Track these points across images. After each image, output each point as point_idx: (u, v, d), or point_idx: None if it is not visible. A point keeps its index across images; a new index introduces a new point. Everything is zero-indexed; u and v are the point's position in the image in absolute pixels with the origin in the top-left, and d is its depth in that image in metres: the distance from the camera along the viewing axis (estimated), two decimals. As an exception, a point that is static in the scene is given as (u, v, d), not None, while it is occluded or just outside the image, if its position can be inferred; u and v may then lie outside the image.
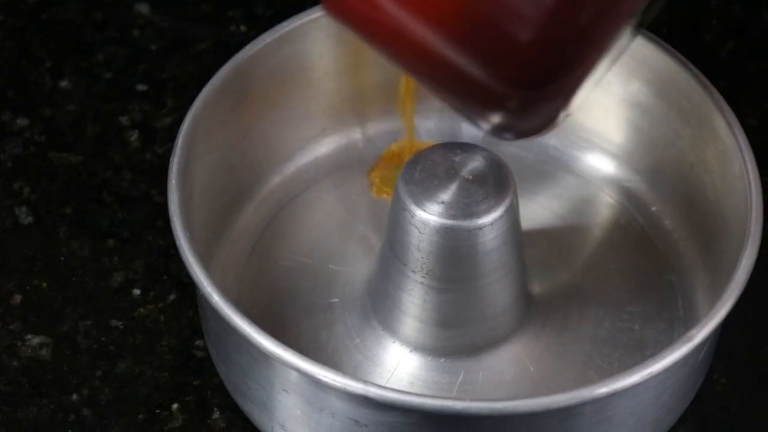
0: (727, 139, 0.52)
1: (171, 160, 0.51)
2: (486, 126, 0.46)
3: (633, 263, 0.56)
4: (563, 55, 0.43)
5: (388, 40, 0.44)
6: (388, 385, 0.48)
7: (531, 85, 0.43)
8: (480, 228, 0.49)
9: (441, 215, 0.49)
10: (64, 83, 0.63)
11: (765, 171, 0.52)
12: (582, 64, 0.43)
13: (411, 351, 0.52)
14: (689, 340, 0.46)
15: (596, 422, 0.47)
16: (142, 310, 0.56)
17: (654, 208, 0.57)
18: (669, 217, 0.57)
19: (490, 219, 0.49)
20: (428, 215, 0.49)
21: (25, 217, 0.59)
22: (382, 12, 0.43)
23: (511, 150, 0.58)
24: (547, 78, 0.43)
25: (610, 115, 0.58)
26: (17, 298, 0.56)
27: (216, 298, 0.47)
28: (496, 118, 0.45)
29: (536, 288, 0.55)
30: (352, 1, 0.44)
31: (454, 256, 0.50)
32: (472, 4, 0.42)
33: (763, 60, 0.64)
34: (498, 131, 0.46)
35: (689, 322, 0.53)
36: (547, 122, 0.45)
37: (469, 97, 0.45)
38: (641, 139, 0.57)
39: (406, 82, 0.55)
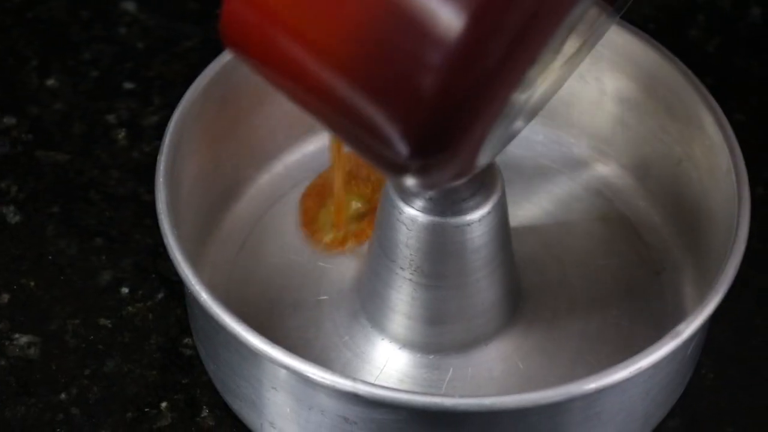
0: (714, 135, 0.52)
1: (158, 158, 0.51)
2: (401, 181, 0.41)
3: (621, 259, 0.56)
4: (467, 105, 0.38)
5: (286, 81, 0.41)
6: (377, 383, 0.48)
7: (433, 143, 0.38)
8: (468, 224, 0.49)
9: (429, 212, 0.49)
10: (50, 82, 0.63)
11: (752, 166, 0.52)
12: (487, 111, 0.39)
13: (400, 348, 0.52)
14: (677, 335, 0.46)
15: (585, 418, 0.47)
16: (130, 308, 0.56)
17: (642, 204, 0.57)
18: (657, 212, 0.57)
19: (478, 215, 0.49)
20: (416, 212, 0.49)
21: (13, 216, 0.59)
22: (278, 47, 0.39)
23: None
24: (451, 130, 0.39)
25: (597, 111, 0.58)
26: (5, 297, 0.56)
27: (204, 296, 0.47)
28: (408, 179, 0.41)
29: (525, 284, 0.55)
30: (247, 30, 0.40)
31: (443, 252, 0.50)
32: (364, 39, 0.37)
33: (750, 55, 0.65)
34: (414, 185, 0.42)
35: (677, 317, 0.54)
36: (468, 168, 0.41)
37: (372, 153, 0.40)
38: (628, 134, 0.57)
39: None
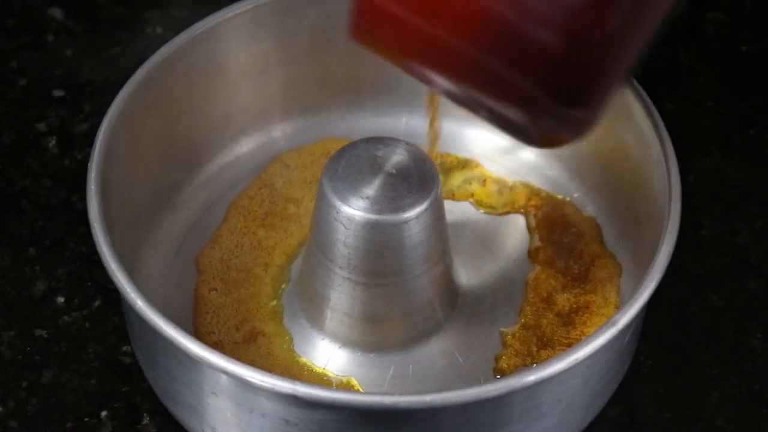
0: (644, 124, 0.53)
1: (89, 165, 0.50)
2: (523, 136, 0.45)
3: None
4: (596, 59, 0.41)
5: (419, 61, 0.43)
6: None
7: (567, 94, 0.42)
8: (405, 222, 0.50)
9: (366, 210, 0.49)
10: (-22, 91, 0.62)
11: (683, 155, 0.52)
12: (615, 65, 0.42)
13: (340, 347, 0.52)
14: (613, 324, 0.47)
15: (526, 410, 0.47)
16: (66, 318, 0.55)
17: (576, 195, 0.58)
18: (591, 202, 0.57)
19: (415, 212, 0.50)
20: (353, 210, 0.49)
21: (-56, 229, 0.58)
22: (411, 32, 0.42)
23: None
24: (583, 84, 0.42)
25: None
26: (-62, 312, 0.55)
27: (140, 304, 0.46)
28: (533, 129, 0.44)
29: (463, 279, 0.55)
30: (379, 26, 0.43)
31: (381, 250, 0.50)
32: (497, 15, 0.41)
33: (677, 44, 0.65)
34: (534, 142, 0.45)
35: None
36: (589, 125, 0.44)
37: (506, 111, 0.43)
38: (561, 127, 0.58)
39: (431, 99, 0.54)
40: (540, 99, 0.42)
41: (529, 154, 0.59)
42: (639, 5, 0.41)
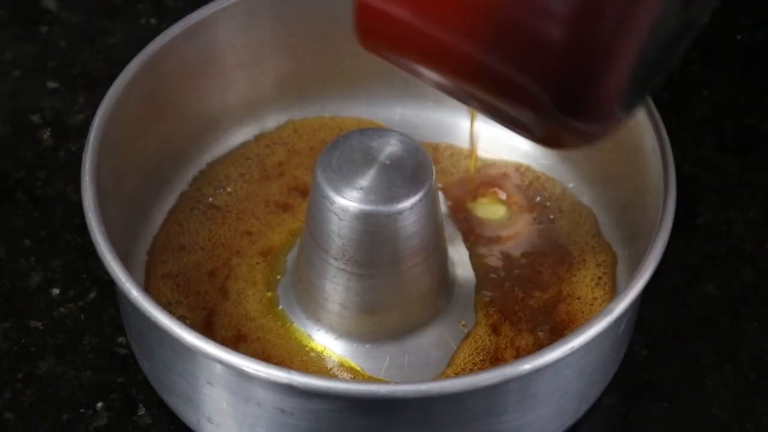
0: (639, 114, 0.53)
1: (83, 157, 0.50)
2: (527, 134, 0.44)
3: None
4: (600, 53, 0.40)
5: (424, 61, 0.43)
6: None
7: (568, 101, 0.41)
8: (400, 212, 0.49)
9: (360, 201, 0.49)
10: (-28, 83, 0.62)
11: (678, 144, 0.52)
12: (621, 64, 0.41)
13: (336, 338, 0.52)
14: (608, 313, 0.47)
15: (522, 398, 0.48)
16: (62, 309, 0.55)
17: (571, 184, 0.58)
18: (586, 193, 0.57)
19: (409, 203, 0.50)
20: (348, 201, 0.49)
21: (-62, 221, 0.58)
22: (413, 32, 0.42)
23: (426, 133, 0.59)
24: (582, 91, 0.41)
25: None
26: (-67, 304, 0.55)
27: (135, 294, 0.46)
28: (542, 129, 0.43)
29: (458, 270, 0.55)
30: (382, 27, 0.43)
31: (375, 241, 0.50)
32: (500, 9, 0.40)
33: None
34: (546, 142, 0.45)
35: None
36: (592, 138, 0.44)
37: (513, 111, 0.43)
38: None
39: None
40: (541, 104, 0.41)
41: (525, 144, 0.59)
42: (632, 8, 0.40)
